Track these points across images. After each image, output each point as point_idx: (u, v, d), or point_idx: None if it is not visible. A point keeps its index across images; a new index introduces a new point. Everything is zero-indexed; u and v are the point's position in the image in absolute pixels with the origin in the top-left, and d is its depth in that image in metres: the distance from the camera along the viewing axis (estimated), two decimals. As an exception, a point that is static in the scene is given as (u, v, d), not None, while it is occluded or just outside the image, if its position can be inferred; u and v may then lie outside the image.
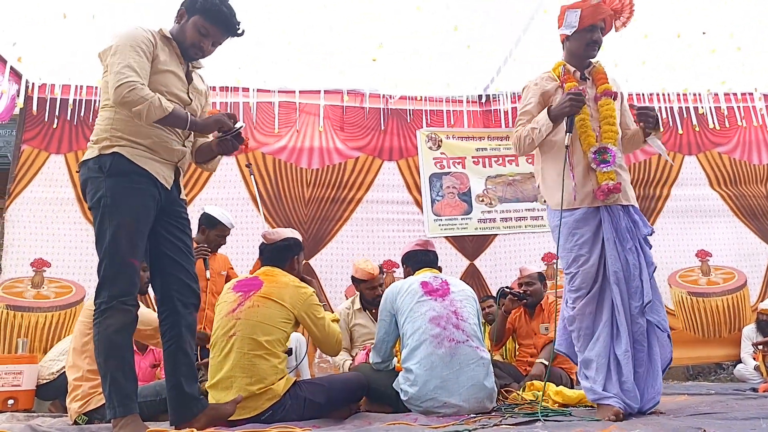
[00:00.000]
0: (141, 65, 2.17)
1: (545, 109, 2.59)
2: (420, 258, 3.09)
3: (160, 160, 2.28)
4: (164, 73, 2.27)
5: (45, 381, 3.96)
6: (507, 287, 4.48)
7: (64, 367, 3.53)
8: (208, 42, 2.34)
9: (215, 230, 3.86)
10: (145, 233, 2.22)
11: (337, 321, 2.84)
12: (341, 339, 2.76)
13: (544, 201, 2.69)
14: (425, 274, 2.96)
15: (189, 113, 2.25)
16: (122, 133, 2.21)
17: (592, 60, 2.70)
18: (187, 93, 2.37)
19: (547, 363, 3.52)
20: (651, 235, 2.56)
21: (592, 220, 2.51)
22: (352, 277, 4.00)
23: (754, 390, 3.57)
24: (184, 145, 2.38)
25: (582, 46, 2.62)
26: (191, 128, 2.27)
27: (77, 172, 2.31)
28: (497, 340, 3.97)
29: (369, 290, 3.85)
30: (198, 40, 2.32)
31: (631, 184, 2.73)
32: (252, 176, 4.52)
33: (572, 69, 2.67)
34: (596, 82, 2.66)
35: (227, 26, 2.34)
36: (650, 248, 2.54)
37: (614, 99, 2.64)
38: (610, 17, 2.63)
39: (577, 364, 2.54)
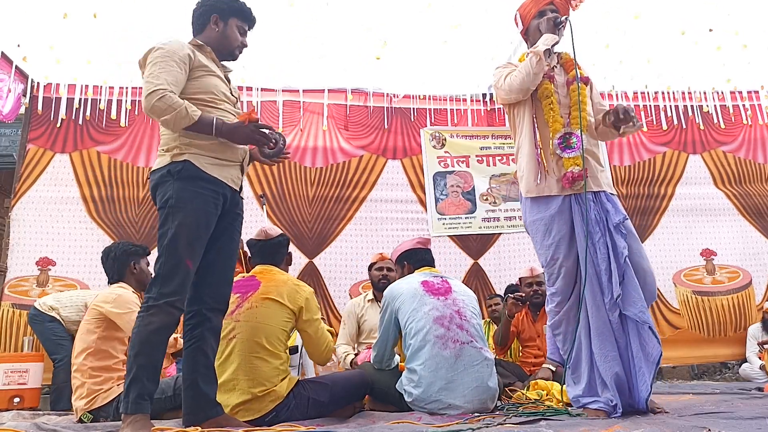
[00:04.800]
0: (174, 75, 2.22)
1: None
2: (422, 256, 3.07)
3: (227, 163, 2.33)
4: (212, 76, 2.36)
5: None
6: (514, 286, 4.47)
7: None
8: (245, 38, 2.52)
9: None
10: (204, 239, 2.23)
11: (332, 333, 2.79)
12: (332, 348, 2.71)
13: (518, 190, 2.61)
14: (425, 273, 2.93)
15: (215, 119, 2.26)
16: (190, 139, 2.25)
17: (559, 50, 2.63)
18: (231, 92, 2.47)
19: (554, 368, 3.51)
20: (624, 221, 2.42)
21: (567, 213, 2.43)
22: (369, 268, 4.13)
23: (760, 389, 3.55)
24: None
25: (538, 36, 2.55)
26: (217, 134, 2.26)
27: (147, 179, 2.35)
28: (501, 344, 3.94)
29: (376, 271, 3.98)
30: (242, 41, 2.50)
31: (635, 182, 2.68)
32: (264, 206, 4.57)
33: None
34: (566, 69, 2.59)
35: (254, 21, 2.54)
36: (623, 237, 2.39)
37: (585, 84, 2.57)
38: (560, 1, 2.57)
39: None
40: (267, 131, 2.34)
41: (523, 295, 3.83)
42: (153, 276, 2.16)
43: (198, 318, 2.29)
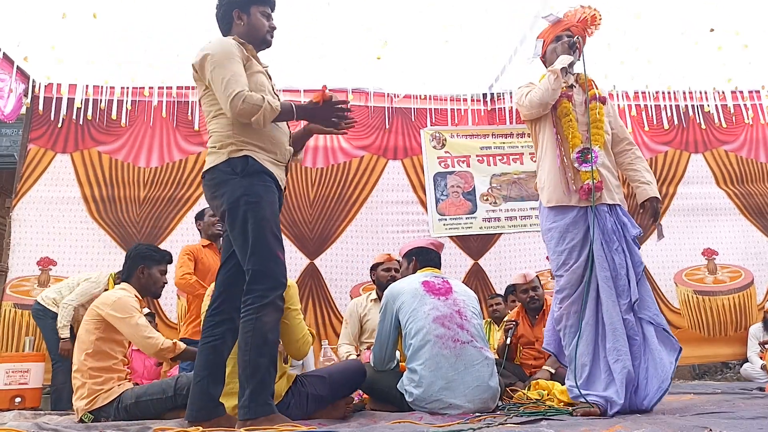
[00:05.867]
0: (241, 73, 2.26)
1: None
2: (431, 257, 3.07)
3: (277, 163, 2.36)
4: (258, 74, 2.38)
5: None
6: (513, 287, 4.48)
7: None
8: (272, 21, 2.50)
9: (204, 219, 4.10)
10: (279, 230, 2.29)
11: (312, 334, 2.73)
12: (309, 341, 2.62)
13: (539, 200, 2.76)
14: (426, 273, 2.93)
15: (293, 105, 2.30)
16: (245, 138, 2.27)
17: (575, 71, 2.80)
18: (273, 89, 2.48)
19: (553, 371, 3.51)
20: (640, 236, 2.63)
21: (582, 223, 2.59)
22: (372, 268, 4.10)
23: (761, 389, 3.55)
24: (290, 145, 2.47)
25: (554, 58, 2.73)
26: (299, 117, 2.30)
27: (203, 177, 2.34)
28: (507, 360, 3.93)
29: (384, 272, 3.96)
30: (269, 25, 2.48)
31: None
32: None
33: None
34: (584, 89, 2.75)
35: (273, 2, 2.52)
36: (639, 248, 2.61)
37: (603, 104, 2.75)
38: (576, 28, 2.74)
39: (564, 365, 2.62)
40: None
41: (515, 322, 3.88)
42: (251, 275, 2.16)
43: (222, 317, 2.29)
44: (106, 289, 4.42)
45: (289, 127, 2.50)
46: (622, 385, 2.34)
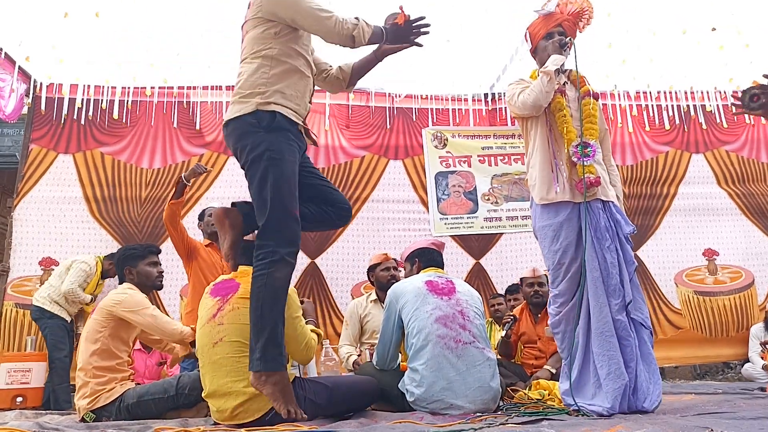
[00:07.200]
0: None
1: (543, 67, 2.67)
2: (433, 257, 3.07)
3: (299, 118, 2.36)
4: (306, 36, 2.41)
5: None
6: (514, 286, 4.48)
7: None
8: None
9: (204, 220, 4.12)
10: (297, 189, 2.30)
11: (319, 335, 2.67)
12: (313, 346, 2.54)
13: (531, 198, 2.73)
14: (430, 274, 2.93)
15: (381, 27, 2.38)
16: (276, 87, 2.26)
17: (566, 68, 2.77)
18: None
19: (554, 370, 3.51)
20: (634, 233, 2.60)
21: (575, 220, 2.55)
22: (369, 270, 4.07)
23: (762, 389, 3.54)
24: (310, 101, 2.49)
25: (545, 56, 2.69)
26: (388, 38, 2.39)
27: (225, 126, 2.32)
28: (507, 358, 3.93)
29: (383, 272, 3.92)
30: None
31: (638, 182, 2.80)
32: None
33: None
34: (575, 85, 2.73)
35: None
36: (631, 246, 2.58)
37: (596, 100, 2.73)
38: (567, 22, 2.70)
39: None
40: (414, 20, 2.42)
41: (513, 316, 3.88)
42: (264, 230, 2.17)
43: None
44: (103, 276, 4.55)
45: (313, 85, 2.51)
46: (613, 392, 2.31)
